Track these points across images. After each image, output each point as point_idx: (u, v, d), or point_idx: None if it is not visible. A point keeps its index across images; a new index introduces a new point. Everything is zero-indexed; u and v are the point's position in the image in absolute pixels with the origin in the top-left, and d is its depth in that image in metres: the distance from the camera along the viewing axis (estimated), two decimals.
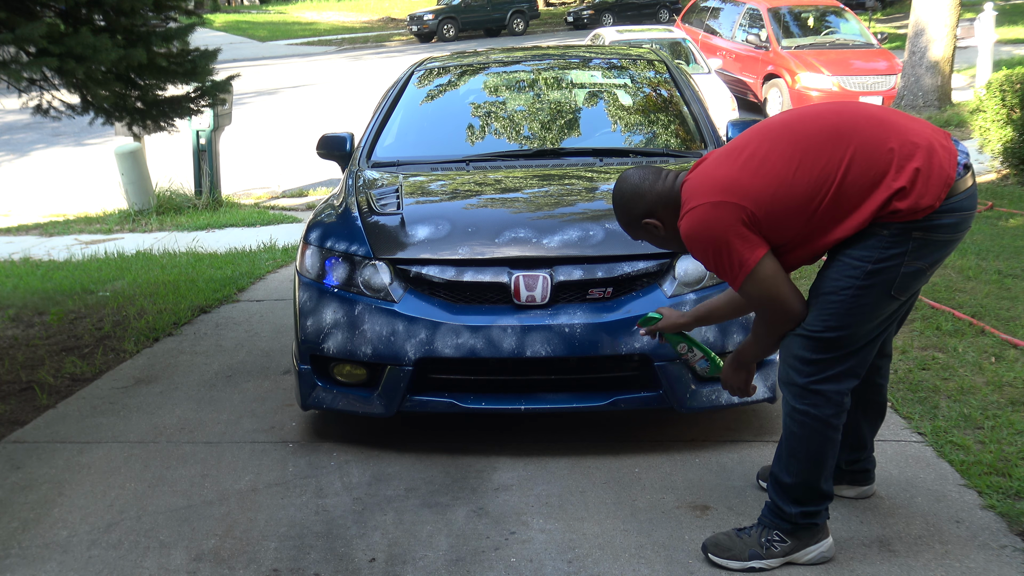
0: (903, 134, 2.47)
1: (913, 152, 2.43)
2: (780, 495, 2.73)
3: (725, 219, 2.50)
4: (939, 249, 2.51)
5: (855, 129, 2.49)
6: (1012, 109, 7.80)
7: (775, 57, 13.64)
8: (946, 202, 2.44)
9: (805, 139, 2.52)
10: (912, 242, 2.47)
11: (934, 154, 2.44)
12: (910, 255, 2.48)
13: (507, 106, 4.99)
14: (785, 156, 2.51)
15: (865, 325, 2.57)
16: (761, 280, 2.55)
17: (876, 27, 19.87)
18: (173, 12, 4.85)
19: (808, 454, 2.65)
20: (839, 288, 2.54)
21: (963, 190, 2.48)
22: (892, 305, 2.57)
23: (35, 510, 3.28)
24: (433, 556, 2.88)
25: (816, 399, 2.61)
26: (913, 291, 2.60)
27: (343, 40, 33.32)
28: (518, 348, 3.35)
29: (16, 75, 3.99)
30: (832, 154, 2.47)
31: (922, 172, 2.42)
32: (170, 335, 5.28)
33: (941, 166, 2.44)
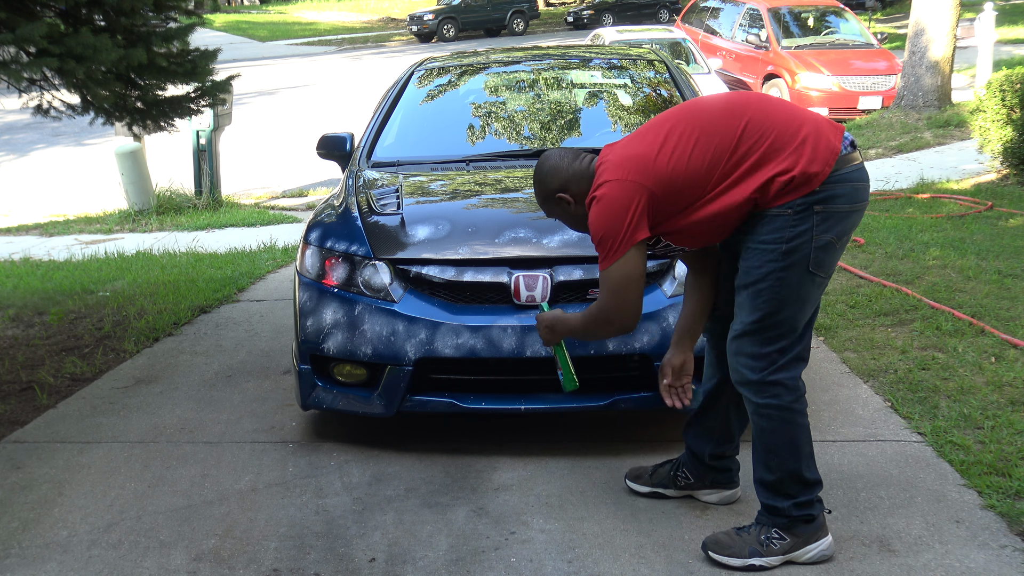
0: (791, 113, 2.66)
1: (800, 127, 2.60)
2: (769, 494, 2.77)
3: (629, 198, 2.61)
4: (843, 219, 2.63)
5: (747, 107, 2.67)
6: (1012, 109, 7.80)
7: (775, 57, 13.64)
8: (836, 172, 2.59)
9: (703, 116, 2.69)
10: (815, 215, 2.59)
11: (820, 128, 2.62)
12: (817, 228, 2.60)
13: (507, 106, 4.99)
14: (686, 134, 2.64)
15: (798, 307, 2.66)
16: (624, 266, 2.65)
17: (876, 27, 19.87)
18: (173, 12, 4.84)
19: (783, 445, 2.72)
20: (763, 275, 2.63)
21: (852, 163, 2.63)
22: (816, 283, 2.66)
23: (35, 510, 3.28)
24: (433, 556, 2.88)
25: (775, 389, 2.69)
26: (830, 267, 2.68)
27: (343, 40, 33.33)
28: (518, 348, 3.35)
29: (16, 75, 3.99)
30: (726, 129, 2.62)
31: (809, 141, 2.58)
32: (170, 335, 5.28)
33: (828, 138, 2.60)
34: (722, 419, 3.02)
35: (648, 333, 3.34)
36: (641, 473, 3.20)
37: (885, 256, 6.10)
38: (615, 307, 2.71)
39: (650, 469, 3.20)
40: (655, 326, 3.34)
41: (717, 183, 2.62)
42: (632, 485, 3.20)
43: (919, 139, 10.52)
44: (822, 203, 2.58)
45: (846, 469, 3.33)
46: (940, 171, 9.03)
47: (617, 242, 2.62)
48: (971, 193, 7.96)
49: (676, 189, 2.62)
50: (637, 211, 2.60)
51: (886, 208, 7.64)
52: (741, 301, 2.69)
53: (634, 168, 2.63)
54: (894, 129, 10.97)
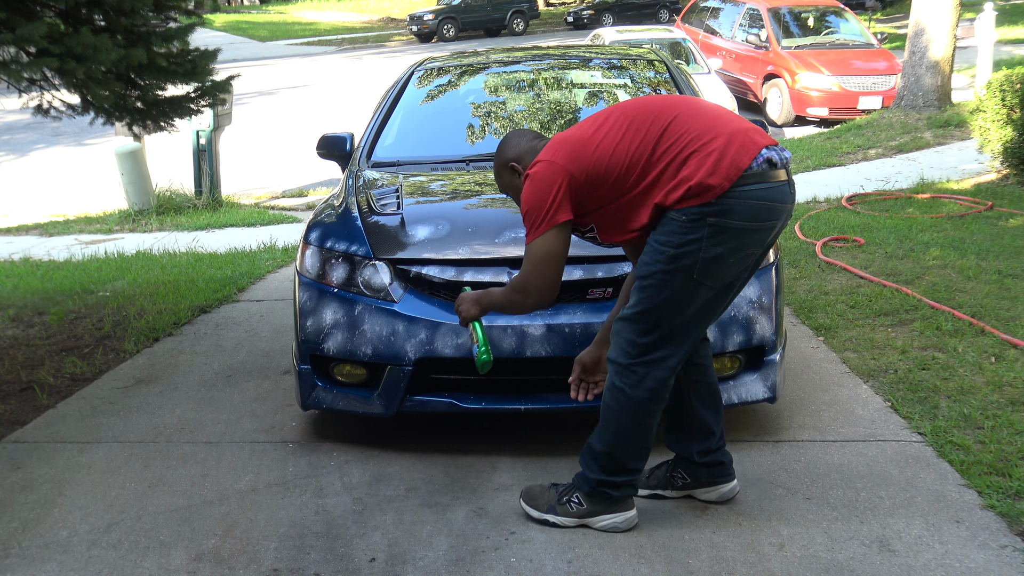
0: (714, 121, 2.71)
1: (715, 137, 2.65)
2: (588, 460, 2.93)
3: (553, 179, 2.73)
4: (737, 236, 2.66)
5: (676, 109, 2.74)
6: (1012, 109, 7.80)
7: (775, 57, 13.64)
8: (737, 188, 2.62)
9: (636, 112, 2.77)
10: (707, 228, 2.64)
11: (732, 143, 2.66)
12: (707, 240, 2.65)
13: (507, 106, 4.99)
14: (616, 127, 2.75)
15: (678, 310, 2.73)
16: (545, 243, 2.75)
17: (876, 27, 19.88)
18: (173, 12, 4.84)
19: (618, 429, 2.84)
20: (650, 272, 2.72)
21: (760, 182, 2.66)
22: (701, 292, 2.72)
23: (35, 510, 3.28)
24: (433, 556, 2.88)
25: (633, 379, 2.79)
26: (720, 278, 2.73)
27: (343, 40, 33.33)
28: (518, 348, 3.35)
29: (16, 75, 3.99)
30: (651, 128, 2.71)
31: (715, 153, 2.63)
32: (170, 335, 5.28)
33: (737, 153, 2.64)
34: (693, 415, 3.04)
35: None
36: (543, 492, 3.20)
37: (885, 256, 6.10)
38: (533, 281, 2.81)
39: (647, 472, 3.20)
40: None
41: (638, 181, 2.70)
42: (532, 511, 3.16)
43: (919, 139, 10.52)
44: (716, 216, 2.63)
45: (846, 469, 3.33)
46: (940, 171, 9.03)
47: (539, 219, 2.74)
48: (971, 193, 7.96)
49: (598, 179, 2.72)
50: (559, 193, 2.72)
51: (886, 208, 7.64)
52: (633, 289, 2.80)
53: (565, 152, 2.76)
54: (894, 129, 10.97)
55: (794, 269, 5.95)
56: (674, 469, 3.15)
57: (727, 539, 2.91)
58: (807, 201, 8.24)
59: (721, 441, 3.09)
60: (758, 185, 2.65)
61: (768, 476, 3.30)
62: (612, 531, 2.93)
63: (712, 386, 3.07)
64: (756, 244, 2.74)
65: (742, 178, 2.63)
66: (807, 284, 5.63)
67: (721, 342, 3.41)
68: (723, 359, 3.48)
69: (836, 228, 6.95)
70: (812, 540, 2.88)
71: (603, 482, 2.91)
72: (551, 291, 2.83)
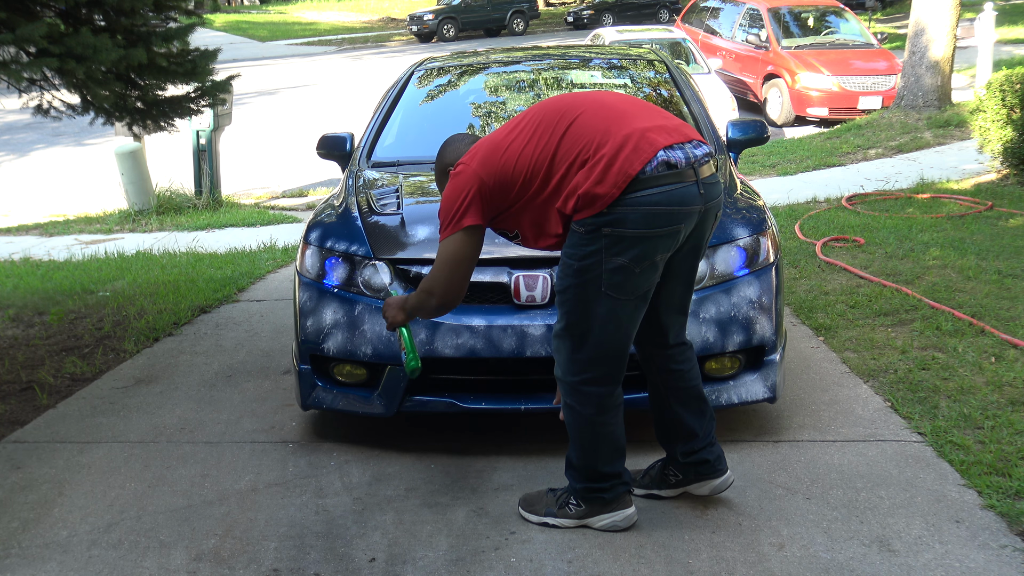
0: (609, 124, 2.63)
1: (605, 143, 2.59)
2: (570, 472, 2.97)
3: (464, 184, 2.72)
4: (636, 244, 2.60)
5: (577, 110, 2.69)
6: (1012, 109, 7.80)
7: (775, 57, 13.63)
8: (629, 196, 2.56)
9: (544, 114, 2.74)
10: (604, 239, 2.59)
11: (625, 147, 2.58)
12: (606, 252, 2.61)
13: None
14: (526, 130, 2.73)
15: (600, 325, 2.70)
16: (451, 245, 2.74)
17: (876, 27, 19.87)
18: (173, 12, 4.84)
19: (582, 443, 2.87)
20: (563, 287, 2.72)
21: (655, 186, 2.58)
22: (616, 305, 2.68)
23: (35, 510, 3.28)
24: (433, 556, 2.88)
25: (579, 397, 2.82)
26: (631, 289, 2.68)
27: (343, 40, 33.32)
28: (518, 348, 3.35)
29: (16, 75, 3.99)
30: (553, 132, 2.68)
31: (603, 161, 2.57)
32: (170, 335, 5.28)
33: (627, 158, 2.56)
34: (675, 418, 3.03)
35: None
36: (634, 476, 3.21)
37: (885, 256, 6.10)
38: (438, 281, 2.79)
39: (641, 472, 3.21)
40: None
41: (541, 188, 2.68)
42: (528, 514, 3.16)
43: (919, 139, 10.52)
44: (610, 226, 2.59)
45: (846, 469, 3.33)
46: (940, 171, 9.03)
47: (448, 222, 2.73)
48: (971, 193, 7.96)
49: (506, 184, 2.70)
50: (468, 198, 2.70)
51: (886, 208, 7.64)
52: (556, 304, 2.82)
53: (480, 156, 2.74)
54: (894, 129, 10.97)
55: (794, 269, 5.95)
56: (666, 467, 3.14)
57: (727, 539, 2.91)
58: (807, 201, 8.24)
59: (705, 441, 3.04)
60: (652, 190, 2.57)
61: (768, 476, 3.30)
62: (612, 530, 2.93)
63: (694, 390, 3.02)
64: (663, 250, 2.67)
65: (633, 184, 2.56)
66: (807, 284, 5.63)
67: (721, 342, 3.41)
68: (723, 359, 3.48)
69: (836, 228, 6.95)
70: (812, 540, 2.88)
71: (588, 489, 2.93)
72: (456, 293, 2.80)
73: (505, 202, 2.74)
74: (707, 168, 2.71)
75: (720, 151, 4.35)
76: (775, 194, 8.48)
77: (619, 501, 2.94)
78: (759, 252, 3.56)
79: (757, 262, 3.54)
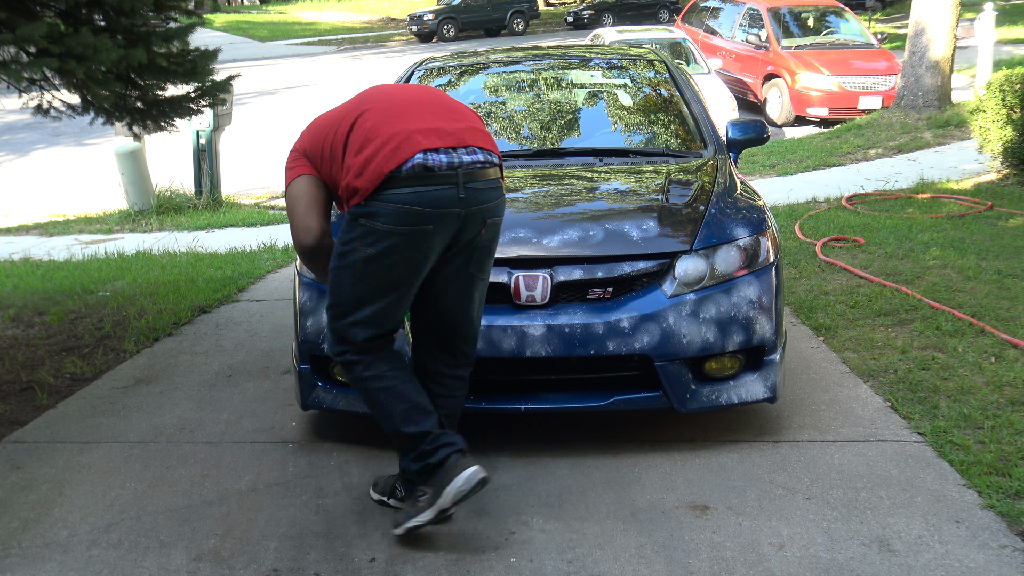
0: (387, 120, 2.76)
1: (374, 138, 2.73)
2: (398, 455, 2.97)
3: (299, 143, 2.99)
4: (385, 238, 2.71)
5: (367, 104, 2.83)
6: (1012, 109, 7.80)
7: (775, 57, 13.63)
8: (383, 192, 2.69)
9: (352, 103, 2.89)
10: (360, 228, 2.72)
11: (387, 144, 2.70)
12: (360, 240, 2.73)
13: (507, 106, 4.99)
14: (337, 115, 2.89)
15: (352, 306, 2.82)
16: (290, 192, 2.95)
17: (876, 27, 19.87)
18: (173, 12, 4.84)
19: (375, 411, 2.92)
20: (331, 267, 2.87)
21: (409, 186, 2.69)
22: (369, 292, 2.79)
23: (35, 510, 3.28)
24: (433, 556, 2.88)
25: (343, 366, 2.92)
26: (382, 279, 2.78)
27: (343, 40, 33.32)
28: (518, 348, 3.35)
29: (16, 75, 3.99)
30: (345, 122, 2.82)
31: (365, 155, 2.71)
32: (170, 335, 5.28)
33: (386, 156, 2.69)
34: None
35: (648, 333, 3.34)
36: (377, 480, 3.21)
37: (885, 256, 6.10)
38: (291, 219, 2.95)
39: (376, 479, 3.21)
40: (655, 326, 3.34)
41: (334, 171, 2.83)
42: (372, 492, 3.21)
43: (919, 139, 10.52)
44: (365, 217, 2.72)
45: (846, 469, 3.33)
46: (940, 171, 9.04)
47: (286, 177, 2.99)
48: (971, 193, 7.96)
49: (315, 156, 2.90)
50: (297, 156, 2.97)
51: (886, 208, 7.64)
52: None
53: (311, 125, 2.99)
54: (894, 129, 10.97)
55: (794, 269, 5.95)
56: (397, 480, 3.11)
57: (727, 539, 2.91)
58: (807, 201, 8.24)
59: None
60: (404, 189, 2.68)
61: (768, 476, 3.30)
62: (469, 489, 2.78)
63: (449, 400, 3.05)
64: (416, 249, 2.75)
65: (387, 181, 2.68)
66: (807, 284, 5.63)
67: (721, 342, 3.41)
68: (723, 359, 3.48)
69: (836, 228, 6.95)
70: (812, 540, 2.89)
71: (413, 459, 2.89)
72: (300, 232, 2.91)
73: (321, 171, 2.92)
74: (478, 174, 2.79)
75: (720, 151, 4.35)
76: (775, 194, 8.48)
77: (458, 463, 2.82)
78: (759, 252, 3.56)
79: (757, 262, 3.54)
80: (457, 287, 2.92)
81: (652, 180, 3.99)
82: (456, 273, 2.89)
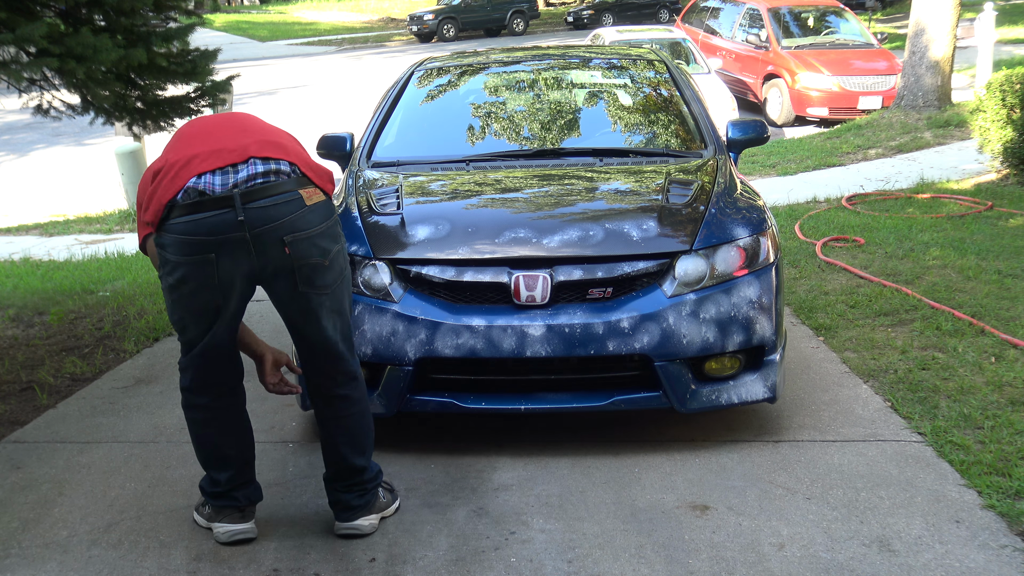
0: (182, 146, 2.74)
1: (160, 168, 2.70)
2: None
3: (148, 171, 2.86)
4: (177, 269, 2.69)
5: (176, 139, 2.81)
6: (1012, 109, 7.80)
7: (775, 57, 13.63)
8: (167, 223, 2.67)
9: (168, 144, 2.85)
10: (161, 258, 2.74)
11: (168, 174, 2.67)
12: (163, 270, 2.76)
13: (507, 106, 4.99)
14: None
15: (180, 328, 2.82)
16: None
17: (876, 27, 19.87)
18: (173, 12, 4.85)
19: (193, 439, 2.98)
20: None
21: (185, 214, 2.63)
22: (185, 316, 2.78)
23: (35, 510, 3.28)
24: (433, 556, 2.88)
25: (183, 395, 2.94)
26: (189, 306, 2.75)
27: (343, 40, 33.32)
28: (518, 348, 3.35)
29: (16, 75, 4.00)
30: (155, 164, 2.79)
31: (152, 188, 2.70)
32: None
33: (165, 187, 2.66)
34: (328, 445, 3.02)
35: (648, 333, 3.34)
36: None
37: (885, 256, 6.10)
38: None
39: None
40: (655, 326, 3.34)
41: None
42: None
43: (919, 139, 10.52)
44: (161, 248, 2.72)
45: (846, 469, 3.33)
46: (940, 171, 9.03)
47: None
48: (971, 193, 7.96)
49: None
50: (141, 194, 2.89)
51: (886, 208, 7.64)
52: None
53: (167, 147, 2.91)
54: (894, 129, 10.97)
55: (794, 269, 5.95)
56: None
57: (727, 539, 2.91)
58: (807, 201, 8.24)
59: (350, 482, 2.99)
60: (182, 219, 2.63)
61: (768, 476, 3.30)
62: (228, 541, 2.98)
63: (339, 423, 2.96)
64: (206, 277, 2.67)
65: (169, 211, 2.65)
66: (807, 284, 5.63)
67: (721, 342, 3.41)
68: (723, 359, 3.48)
69: (836, 228, 6.95)
70: (812, 540, 2.89)
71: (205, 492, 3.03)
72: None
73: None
74: (262, 191, 2.65)
75: (720, 151, 4.35)
76: (775, 194, 8.48)
77: (240, 512, 3.00)
78: (759, 252, 3.56)
79: (757, 262, 3.54)
80: (298, 309, 2.80)
81: (652, 180, 3.99)
82: (289, 296, 2.77)
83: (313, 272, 2.75)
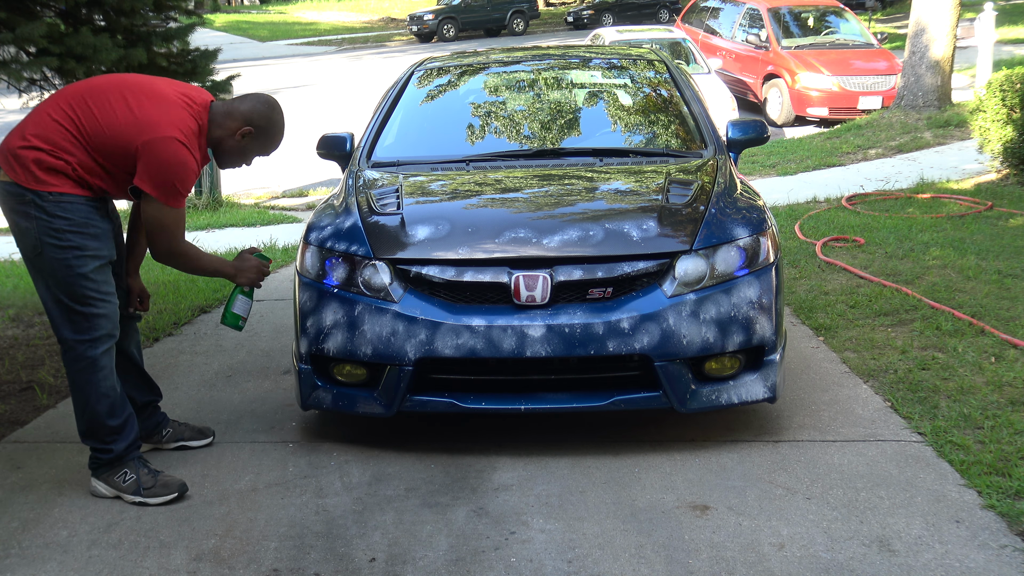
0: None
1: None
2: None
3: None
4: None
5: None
6: (1012, 109, 7.80)
7: (775, 57, 13.64)
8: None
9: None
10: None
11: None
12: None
13: (507, 106, 4.99)
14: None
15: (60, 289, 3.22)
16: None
17: (876, 27, 19.88)
18: (173, 12, 4.85)
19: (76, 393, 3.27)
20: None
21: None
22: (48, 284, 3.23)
23: (35, 510, 3.28)
24: (433, 556, 2.88)
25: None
26: (45, 269, 3.26)
27: (343, 40, 33.33)
28: (518, 348, 3.35)
29: (16, 75, 4.00)
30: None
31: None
32: (170, 335, 5.28)
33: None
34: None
35: (648, 333, 3.34)
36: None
37: (885, 256, 6.10)
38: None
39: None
40: (655, 326, 3.34)
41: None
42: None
43: (919, 139, 10.52)
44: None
45: (846, 469, 3.33)
46: (940, 171, 9.04)
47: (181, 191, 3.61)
48: (971, 193, 7.96)
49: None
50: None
51: (886, 208, 7.64)
52: None
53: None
54: (894, 129, 10.97)
55: (794, 269, 5.95)
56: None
57: (727, 539, 2.91)
58: (807, 201, 8.24)
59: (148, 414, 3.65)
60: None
61: (768, 476, 3.30)
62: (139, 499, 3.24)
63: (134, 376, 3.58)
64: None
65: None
66: (807, 284, 5.63)
67: (721, 342, 3.41)
68: (723, 359, 3.48)
69: (836, 228, 6.95)
70: (812, 540, 2.89)
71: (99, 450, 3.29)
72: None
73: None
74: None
75: (720, 151, 4.35)
76: (775, 194, 8.48)
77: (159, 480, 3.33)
78: (759, 252, 3.56)
79: (757, 262, 3.54)
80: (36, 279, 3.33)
81: (652, 180, 3.99)
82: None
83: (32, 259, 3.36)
